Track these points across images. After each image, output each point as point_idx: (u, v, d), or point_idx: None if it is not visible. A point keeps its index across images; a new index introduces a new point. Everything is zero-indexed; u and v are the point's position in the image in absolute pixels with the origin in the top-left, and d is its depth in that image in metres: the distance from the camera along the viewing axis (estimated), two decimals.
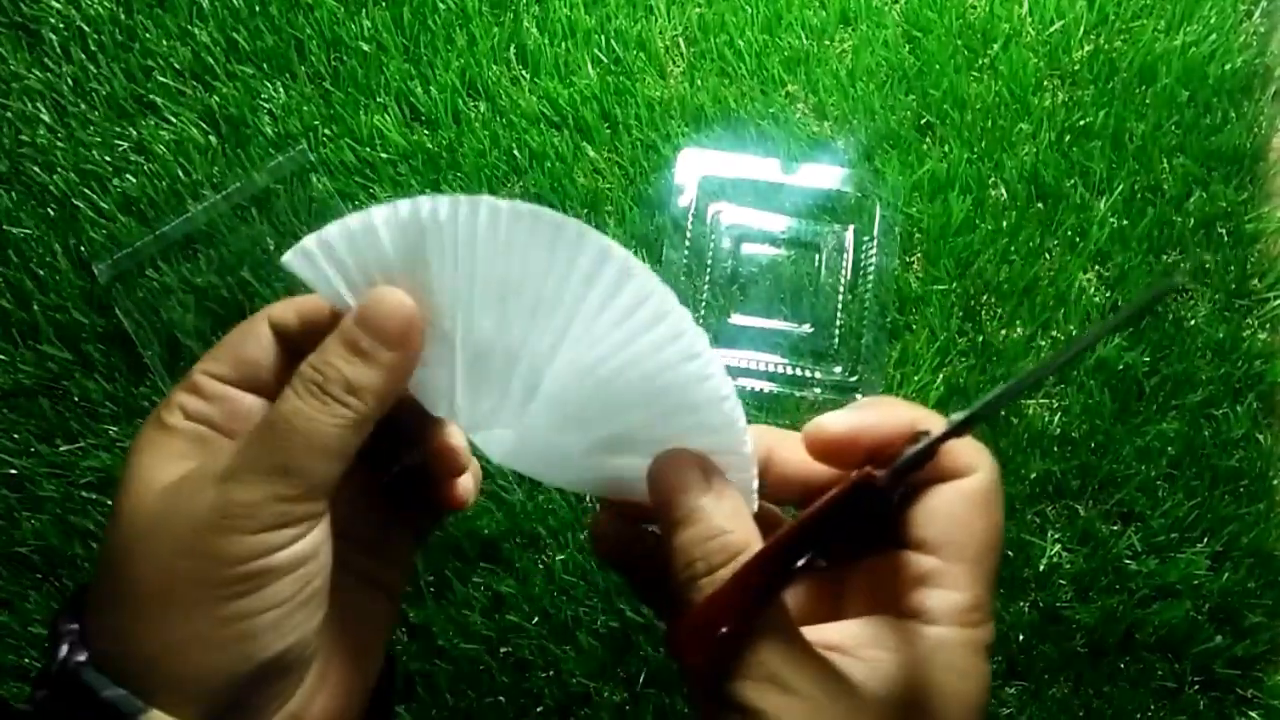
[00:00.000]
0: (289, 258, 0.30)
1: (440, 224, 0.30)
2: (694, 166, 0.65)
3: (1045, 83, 0.68)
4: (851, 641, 0.30)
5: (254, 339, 0.32)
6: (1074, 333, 0.63)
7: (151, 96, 0.66)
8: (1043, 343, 0.63)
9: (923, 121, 0.67)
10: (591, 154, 0.66)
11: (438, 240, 0.30)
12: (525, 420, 0.32)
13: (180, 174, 0.65)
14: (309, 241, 0.30)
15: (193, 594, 0.27)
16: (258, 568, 0.27)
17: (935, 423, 0.31)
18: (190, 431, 0.30)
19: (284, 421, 0.28)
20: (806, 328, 0.64)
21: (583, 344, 0.30)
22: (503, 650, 0.58)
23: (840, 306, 0.64)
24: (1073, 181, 0.65)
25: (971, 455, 0.33)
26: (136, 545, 0.28)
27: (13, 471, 0.60)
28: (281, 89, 0.66)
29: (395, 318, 0.30)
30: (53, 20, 0.67)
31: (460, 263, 0.30)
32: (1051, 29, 0.68)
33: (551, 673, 0.58)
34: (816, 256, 0.65)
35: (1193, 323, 0.63)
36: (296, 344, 0.32)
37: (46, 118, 0.65)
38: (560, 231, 0.29)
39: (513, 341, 0.31)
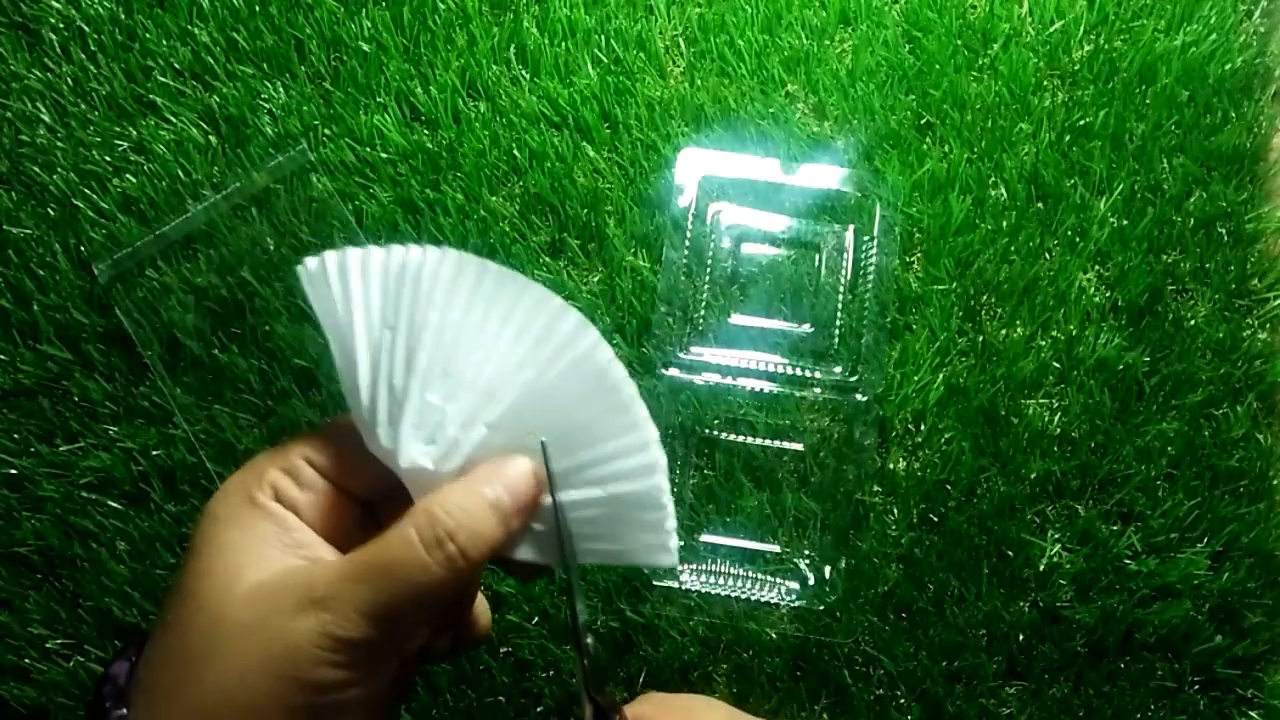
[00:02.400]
0: (304, 267, 0.32)
1: (419, 272, 0.33)
2: (694, 166, 0.65)
3: (1045, 83, 0.68)
4: None
5: (359, 437, 0.32)
6: (1074, 333, 0.63)
7: (151, 96, 0.66)
8: (1043, 343, 0.63)
9: (923, 121, 0.67)
10: (591, 154, 0.66)
11: (416, 287, 0.33)
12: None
13: (180, 174, 0.65)
14: (320, 263, 0.32)
15: (271, 713, 0.28)
16: (338, 700, 0.28)
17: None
18: (278, 515, 0.30)
19: (399, 569, 0.29)
20: (806, 328, 0.64)
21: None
22: (503, 650, 0.58)
23: (840, 306, 0.64)
24: (1073, 181, 0.65)
25: None
26: (223, 647, 0.28)
27: (13, 471, 0.60)
28: (281, 89, 0.66)
29: (534, 490, 0.31)
30: (53, 20, 0.67)
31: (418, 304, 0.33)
32: (1051, 29, 0.68)
33: (551, 673, 0.58)
34: (816, 256, 0.65)
35: (1193, 323, 0.63)
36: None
37: (46, 118, 0.65)
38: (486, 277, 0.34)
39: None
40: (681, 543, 0.61)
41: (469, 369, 0.32)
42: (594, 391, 0.33)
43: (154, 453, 0.60)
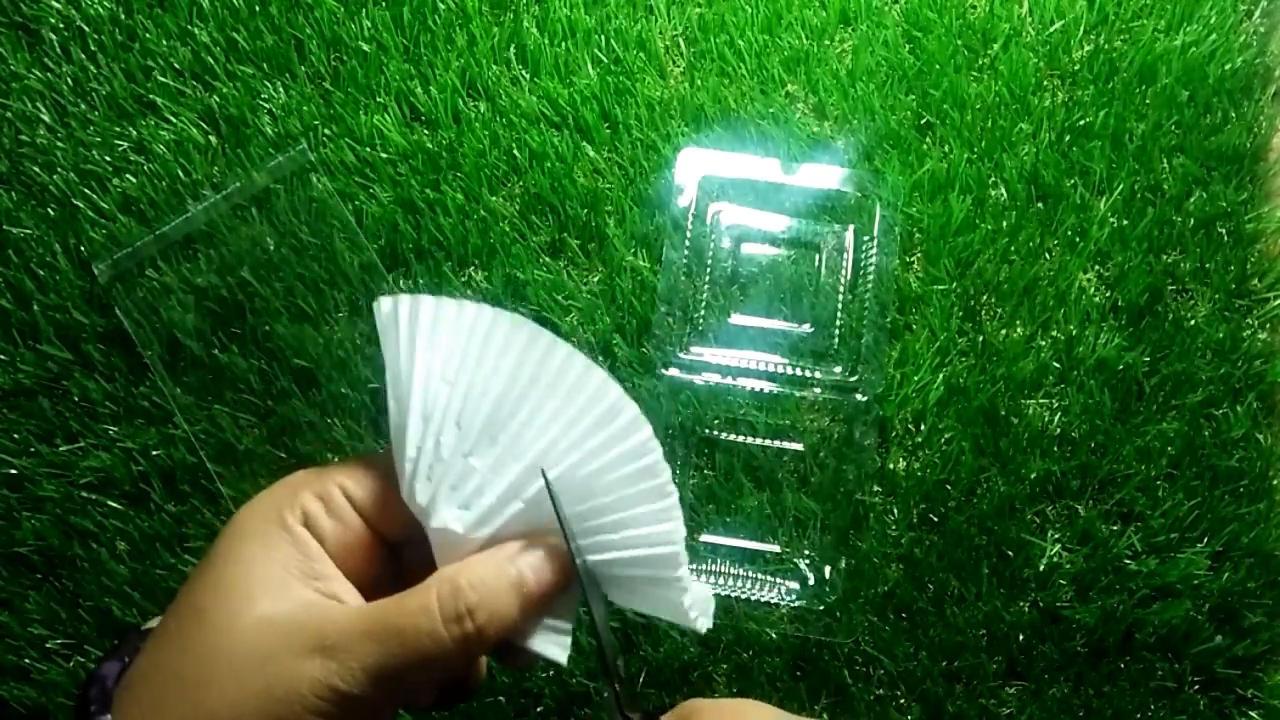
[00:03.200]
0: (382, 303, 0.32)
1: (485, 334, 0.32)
2: (694, 166, 0.65)
3: (1045, 83, 0.68)
4: None
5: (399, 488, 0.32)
6: (1074, 333, 0.63)
7: (151, 96, 0.66)
8: (1043, 343, 0.63)
9: (923, 121, 0.67)
10: (591, 154, 0.66)
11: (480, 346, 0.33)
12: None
13: (180, 174, 0.65)
14: (393, 305, 0.32)
15: None
16: None
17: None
18: (303, 541, 0.30)
19: (413, 637, 0.28)
20: (806, 328, 0.64)
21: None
22: None
23: (840, 306, 0.64)
24: (1073, 181, 0.65)
25: None
26: (223, 674, 0.28)
27: (13, 471, 0.60)
28: (281, 89, 0.66)
29: (559, 578, 0.31)
30: (53, 20, 0.67)
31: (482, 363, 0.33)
32: (1051, 29, 0.68)
33: (551, 673, 0.58)
34: (816, 256, 0.65)
35: (1193, 323, 0.63)
36: None
37: (46, 118, 0.65)
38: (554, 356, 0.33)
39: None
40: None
41: (518, 442, 0.32)
42: (635, 480, 0.33)
43: (154, 453, 0.60)
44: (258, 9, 0.67)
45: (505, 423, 0.32)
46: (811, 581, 0.60)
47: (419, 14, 0.68)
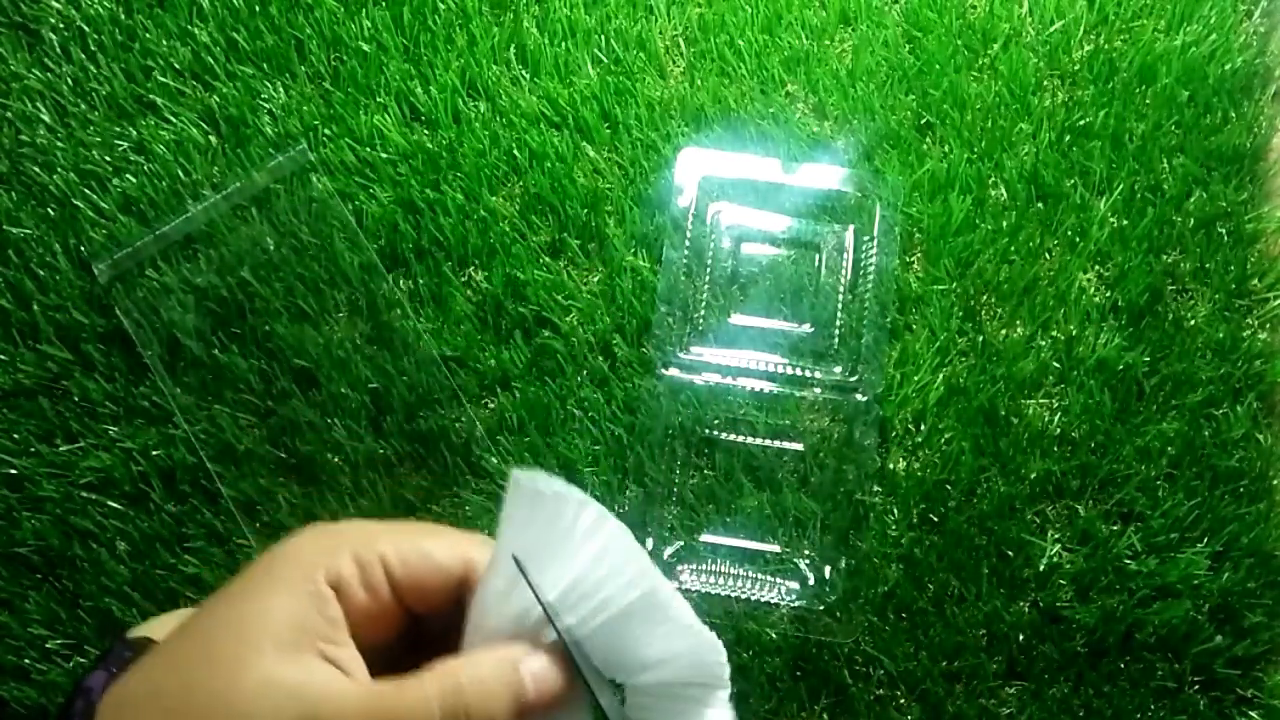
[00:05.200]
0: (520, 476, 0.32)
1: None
2: (694, 166, 0.65)
3: (1045, 83, 0.68)
4: None
5: (443, 577, 0.32)
6: (1074, 333, 0.63)
7: (151, 96, 0.66)
8: (1043, 343, 0.63)
9: (923, 121, 0.67)
10: (591, 154, 0.66)
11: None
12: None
13: (180, 174, 0.65)
14: (532, 481, 0.32)
15: None
16: None
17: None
18: (328, 605, 0.30)
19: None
20: (806, 328, 0.64)
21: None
22: None
23: (840, 306, 0.64)
24: (1073, 181, 0.65)
25: None
26: None
27: (13, 471, 0.60)
28: (281, 89, 0.66)
29: (560, 689, 0.31)
30: (53, 20, 0.67)
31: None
32: (1051, 29, 0.68)
33: None
34: (816, 256, 0.65)
35: (1193, 323, 0.63)
36: (469, 597, 0.32)
37: (46, 118, 0.65)
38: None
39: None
40: (682, 542, 0.61)
41: (599, 664, 0.32)
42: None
43: (154, 453, 0.60)
44: (258, 9, 0.67)
45: (592, 648, 0.32)
46: (811, 581, 0.60)
47: (419, 14, 0.68)
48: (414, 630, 0.33)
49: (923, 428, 0.62)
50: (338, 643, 0.30)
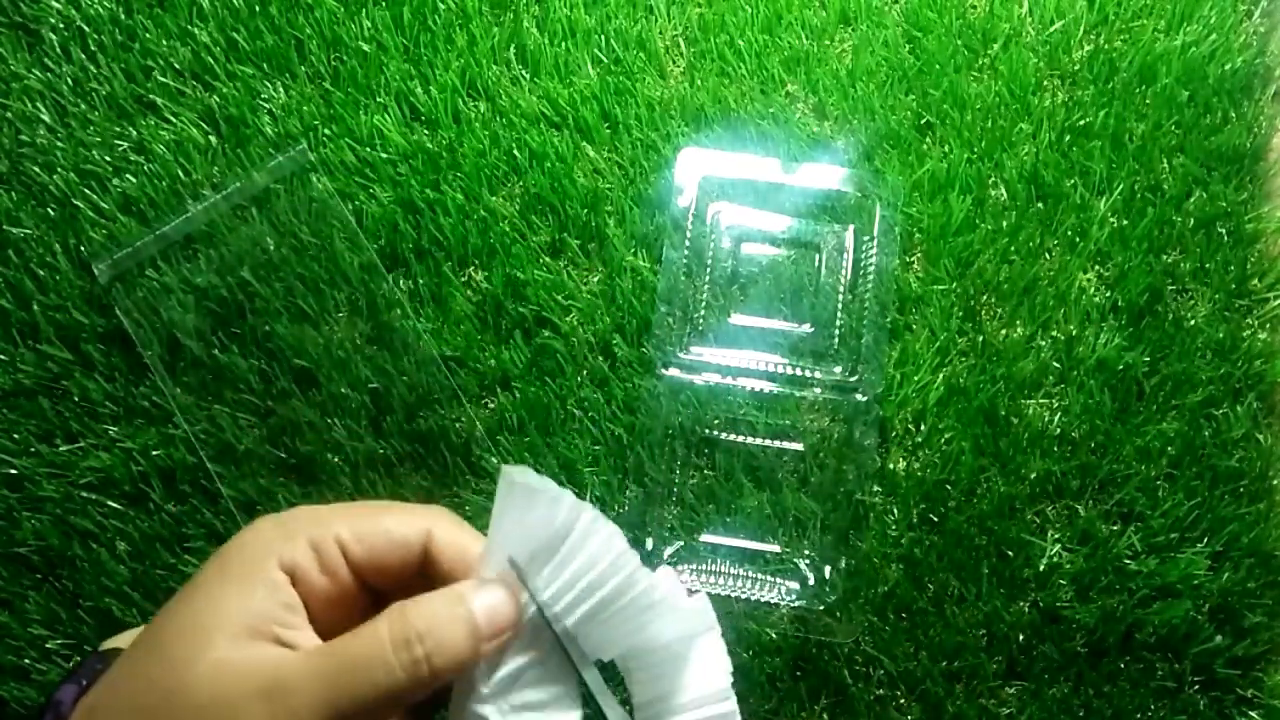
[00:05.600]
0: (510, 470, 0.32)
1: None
2: (694, 166, 0.65)
3: (1045, 83, 0.68)
4: None
5: (405, 550, 0.32)
6: (1074, 333, 0.63)
7: (151, 96, 0.66)
8: (1043, 343, 0.63)
9: (923, 121, 0.67)
10: (591, 154, 0.66)
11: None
12: None
13: (180, 174, 0.65)
14: (521, 475, 0.32)
15: None
16: None
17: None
18: (282, 591, 0.30)
19: (363, 665, 0.28)
20: (806, 328, 0.64)
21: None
22: None
23: (840, 306, 0.64)
24: (1073, 181, 0.65)
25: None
26: (178, 713, 0.28)
27: (13, 471, 0.60)
28: (281, 89, 0.66)
29: (512, 618, 0.31)
30: (53, 20, 0.67)
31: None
32: (1051, 29, 0.68)
33: None
34: (816, 256, 0.65)
35: (1193, 323, 0.63)
36: (433, 570, 0.32)
37: (46, 118, 0.65)
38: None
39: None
40: (682, 542, 0.61)
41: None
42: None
43: (154, 453, 0.60)
44: (258, 9, 0.67)
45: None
46: (811, 581, 0.60)
47: (419, 14, 0.68)
48: (378, 609, 0.33)
49: (923, 428, 0.62)
50: (294, 627, 0.30)
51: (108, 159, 0.65)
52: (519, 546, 0.32)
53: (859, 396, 0.62)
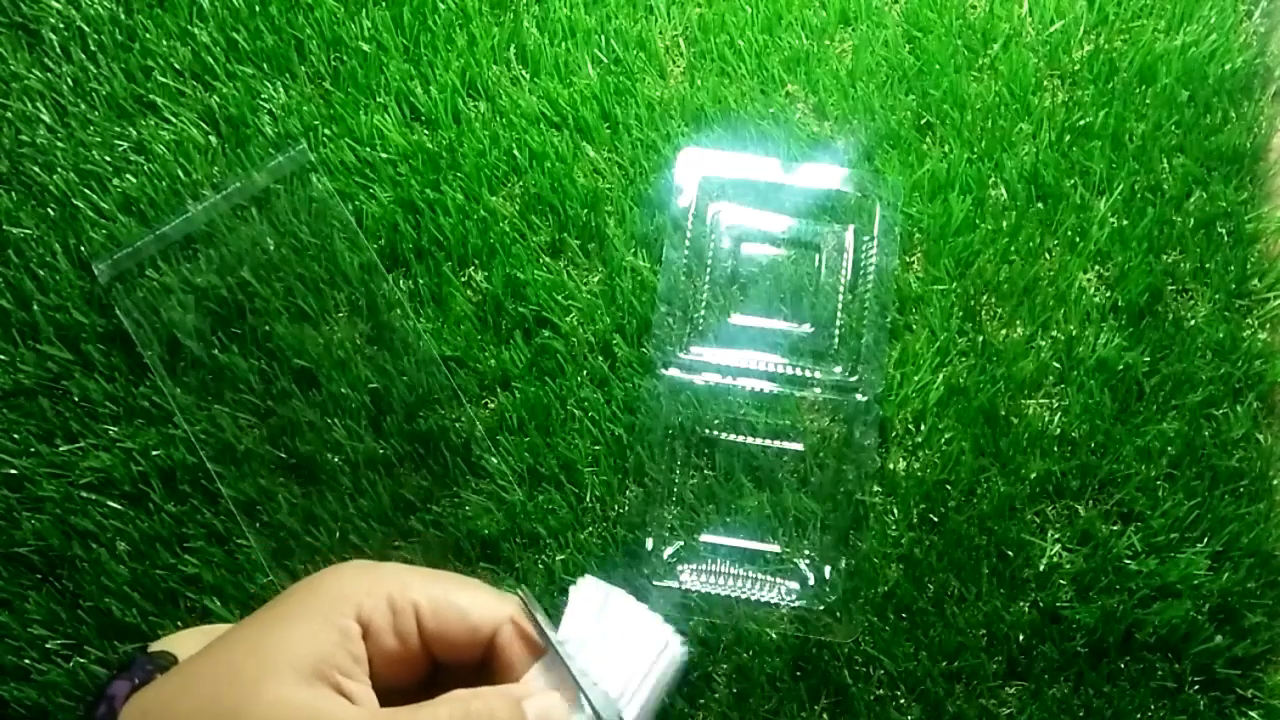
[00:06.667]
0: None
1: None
2: (694, 166, 0.65)
3: (1045, 83, 0.68)
4: None
5: (474, 636, 0.33)
6: (1074, 333, 0.63)
7: (151, 96, 0.66)
8: (1042, 343, 0.63)
9: (923, 121, 0.67)
10: (591, 154, 0.66)
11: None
12: None
13: (180, 174, 0.65)
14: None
15: None
16: None
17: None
18: (353, 643, 0.31)
19: None
20: (806, 328, 0.64)
21: None
22: None
23: (840, 306, 0.64)
24: (1073, 181, 0.65)
25: None
26: None
27: (13, 471, 0.60)
28: (281, 89, 0.66)
29: None
30: (53, 20, 0.67)
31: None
32: (1051, 29, 0.68)
33: None
34: (816, 256, 0.65)
35: (1193, 323, 0.63)
36: (494, 658, 0.34)
37: (46, 118, 0.65)
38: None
39: None
40: (682, 542, 0.61)
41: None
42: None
43: (154, 453, 0.60)
44: (258, 9, 0.67)
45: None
46: (811, 581, 0.60)
47: (419, 14, 0.68)
48: (434, 673, 0.34)
49: (923, 428, 0.62)
50: (355, 678, 0.31)
51: (108, 159, 0.65)
52: (584, 656, 0.35)
53: (859, 396, 0.62)
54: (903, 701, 0.58)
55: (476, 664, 0.34)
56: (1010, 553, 0.60)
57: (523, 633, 0.34)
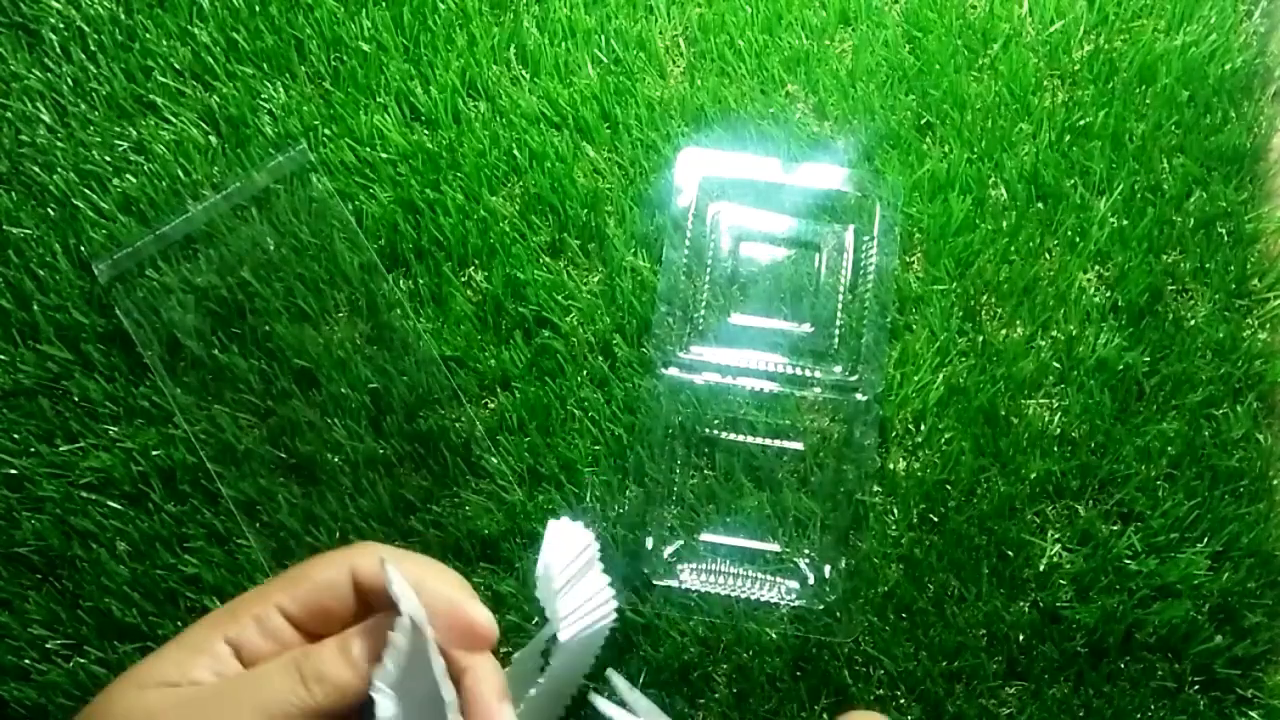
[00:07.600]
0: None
1: None
2: (694, 166, 0.65)
3: (1045, 83, 0.68)
4: None
5: (334, 591, 0.34)
6: (1074, 333, 0.63)
7: (151, 96, 0.66)
8: (1043, 343, 0.63)
9: (923, 121, 0.67)
10: (591, 154, 0.66)
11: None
12: None
13: (180, 174, 0.65)
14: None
15: None
16: None
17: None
18: (223, 663, 0.33)
19: (252, 685, 0.32)
20: (806, 328, 0.64)
21: None
22: (504, 650, 0.58)
23: (840, 306, 0.64)
24: (1073, 181, 0.66)
25: None
26: None
27: (13, 471, 0.60)
28: (281, 89, 0.66)
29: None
30: (53, 20, 0.67)
31: None
32: (1051, 29, 0.68)
33: None
34: (816, 256, 0.65)
35: (1193, 323, 0.63)
36: (370, 601, 0.35)
37: (46, 118, 0.65)
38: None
39: None
40: (682, 541, 0.61)
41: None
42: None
43: (154, 453, 0.60)
44: (258, 9, 0.67)
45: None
46: (811, 581, 0.60)
47: (419, 14, 0.68)
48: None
49: (923, 428, 0.62)
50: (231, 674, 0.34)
51: (108, 159, 0.65)
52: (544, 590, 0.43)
53: (859, 396, 0.62)
54: (903, 701, 0.58)
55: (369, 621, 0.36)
56: (1010, 553, 0.60)
57: (374, 568, 0.35)
